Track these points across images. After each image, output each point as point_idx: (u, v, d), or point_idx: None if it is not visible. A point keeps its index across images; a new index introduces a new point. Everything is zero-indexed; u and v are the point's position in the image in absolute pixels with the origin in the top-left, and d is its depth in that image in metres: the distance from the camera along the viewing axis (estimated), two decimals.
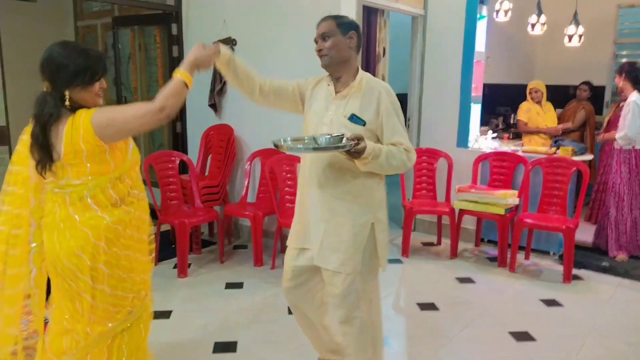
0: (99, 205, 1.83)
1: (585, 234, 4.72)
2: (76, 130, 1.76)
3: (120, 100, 5.41)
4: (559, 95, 6.06)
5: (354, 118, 2.08)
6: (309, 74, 2.34)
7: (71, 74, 1.78)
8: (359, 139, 1.94)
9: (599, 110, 5.93)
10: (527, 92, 5.37)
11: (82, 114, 1.78)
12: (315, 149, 1.96)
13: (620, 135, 4.17)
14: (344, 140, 1.94)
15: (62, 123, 1.78)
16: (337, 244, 2.12)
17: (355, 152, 1.94)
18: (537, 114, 5.33)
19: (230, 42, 4.36)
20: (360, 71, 2.18)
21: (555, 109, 5.54)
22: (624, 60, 6.82)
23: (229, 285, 3.72)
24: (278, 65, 4.17)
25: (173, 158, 4.27)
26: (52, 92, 1.81)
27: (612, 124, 4.57)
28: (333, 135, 1.95)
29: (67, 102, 1.80)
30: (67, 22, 6.05)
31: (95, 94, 1.86)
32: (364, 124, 2.08)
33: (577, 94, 5.78)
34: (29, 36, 5.67)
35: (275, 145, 2.02)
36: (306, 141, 2.06)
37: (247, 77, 2.19)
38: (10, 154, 3.77)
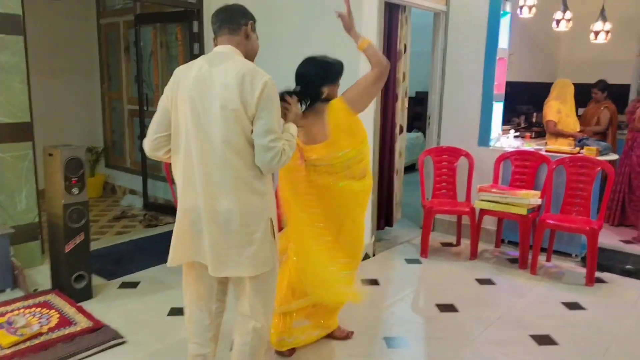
0: None
1: (607, 236, 4.64)
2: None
3: (141, 97, 5.45)
4: (581, 94, 5.92)
5: None
6: None
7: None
8: None
9: (621, 110, 5.79)
10: (565, 90, 5.17)
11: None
12: None
13: None
14: None
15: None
16: None
17: None
18: (566, 115, 5.19)
19: None
20: None
21: (577, 109, 5.43)
22: None
23: None
24: (295, 65, 4.13)
25: None
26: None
27: None
28: None
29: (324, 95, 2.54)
30: (90, 19, 6.11)
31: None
32: None
33: (592, 96, 5.65)
34: (53, 33, 5.75)
35: None
36: None
37: None
38: (34, 149, 3.82)
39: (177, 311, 3.25)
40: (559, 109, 5.17)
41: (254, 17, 2.14)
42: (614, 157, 4.57)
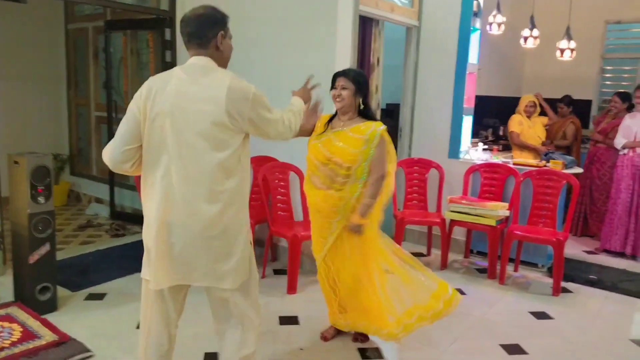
0: None
1: (571, 246, 4.78)
2: None
3: (110, 104, 5.34)
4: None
5: None
6: (303, 81, 2.38)
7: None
8: None
9: (584, 124, 6.01)
10: (522, 105, 5.37)
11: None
12: None
13: None
14: None
15: None
16: None
17: None
18: (528, 127, 5.37)
19: None
20: None
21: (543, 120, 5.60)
22: (608, 75, 6.96)
23: None
24: (273, 74, 4.13)
25: None
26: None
27: None
28: None
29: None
30: (58, 24, 5.96)
31: None
32: None
33: (557, 111, 5.85)
34: (19, 38, 5.59)
35: None
36: None
37: None
38: None
39: None
40: (521, 121, 5.35)
41: (226, 19, 2.04)
42: (578, 170, 4.73)
